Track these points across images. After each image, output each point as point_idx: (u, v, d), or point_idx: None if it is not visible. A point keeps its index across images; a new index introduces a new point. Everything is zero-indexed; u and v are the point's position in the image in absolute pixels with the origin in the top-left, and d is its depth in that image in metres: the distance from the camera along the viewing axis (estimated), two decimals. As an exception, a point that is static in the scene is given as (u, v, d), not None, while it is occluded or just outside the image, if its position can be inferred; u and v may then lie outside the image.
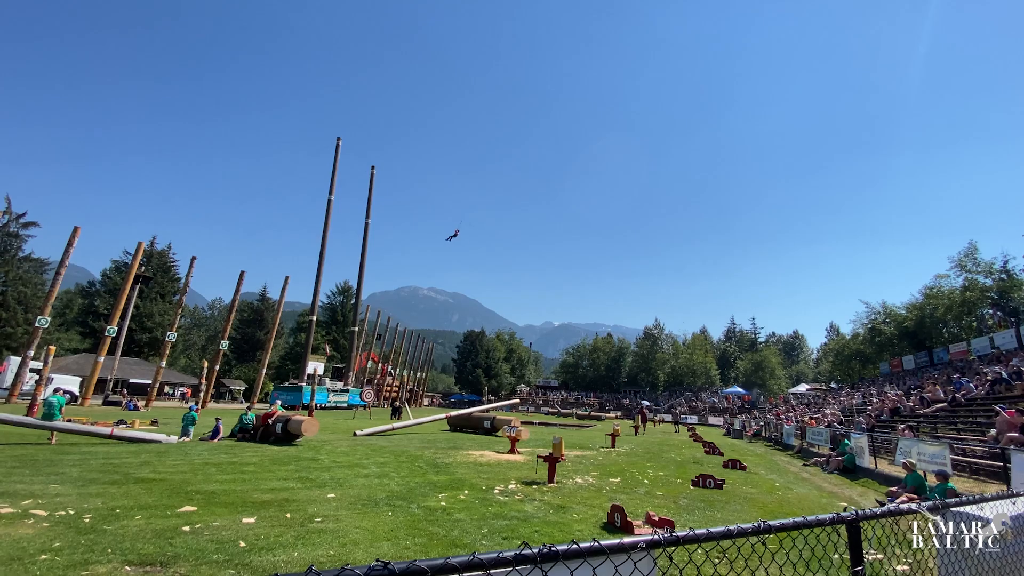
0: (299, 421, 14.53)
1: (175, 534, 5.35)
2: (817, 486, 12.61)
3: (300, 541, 5.33)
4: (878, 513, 2.19)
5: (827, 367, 67.91)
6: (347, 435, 18.28)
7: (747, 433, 34.55)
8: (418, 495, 8.02)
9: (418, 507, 7.17)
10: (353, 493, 7.96)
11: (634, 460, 14.97)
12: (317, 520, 6.20)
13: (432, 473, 10.35)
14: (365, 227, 57.79)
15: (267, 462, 10.90)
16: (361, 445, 15.18)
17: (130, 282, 34.56)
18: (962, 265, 42.70)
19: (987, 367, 25.14)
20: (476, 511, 7.12)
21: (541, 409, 64.59)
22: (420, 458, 12.57)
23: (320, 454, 12.55)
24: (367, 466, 10.89)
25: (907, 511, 2.28)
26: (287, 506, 6.88)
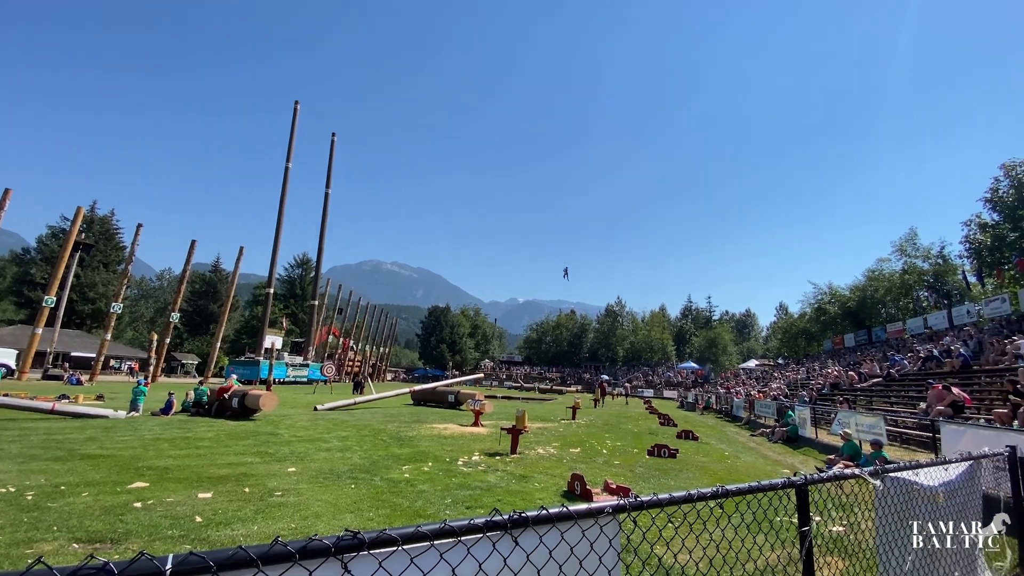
0: (257, 395, 14.18)
1: (126, 510, 5.18)
2: (763, 455, 13.42)
3: (260, 515, 5.26)
4: (825, 478, 2.35)
5: (775, 344, 71.55)
6: (307, 409, 18.00)
7: (699, 406, 36.22)
8: (381, 468, 8.03)
9: (381, 479, 7.19)
10: (314, 467, 7.89)
11: (593, 431, 15.45)
12: (277, 494, 6.13)
13: (395, 446, 10.37)
14: (325, 197, 55.88)
15: (223, 437, 10.63)
16: (322, 419, 15.00)
17: (69, 249, 32.33)
18: (902, 249, 45.51)
19: (920, 345, 27.10)
20: (440, 482, 7.20)
21: (505, 383, 65.45)
22: (383, 432, 12.55)
23: (279, 428, 12.34)
24: (329, 440, 10.79)
25: (851, 475, 2.45)
26: (245, 480, 6.75)
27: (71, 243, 32.24)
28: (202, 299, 66.01)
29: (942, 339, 26.09)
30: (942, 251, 44.22)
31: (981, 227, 40.83)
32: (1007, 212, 38.66)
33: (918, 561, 2.79)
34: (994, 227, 39.54)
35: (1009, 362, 15.40)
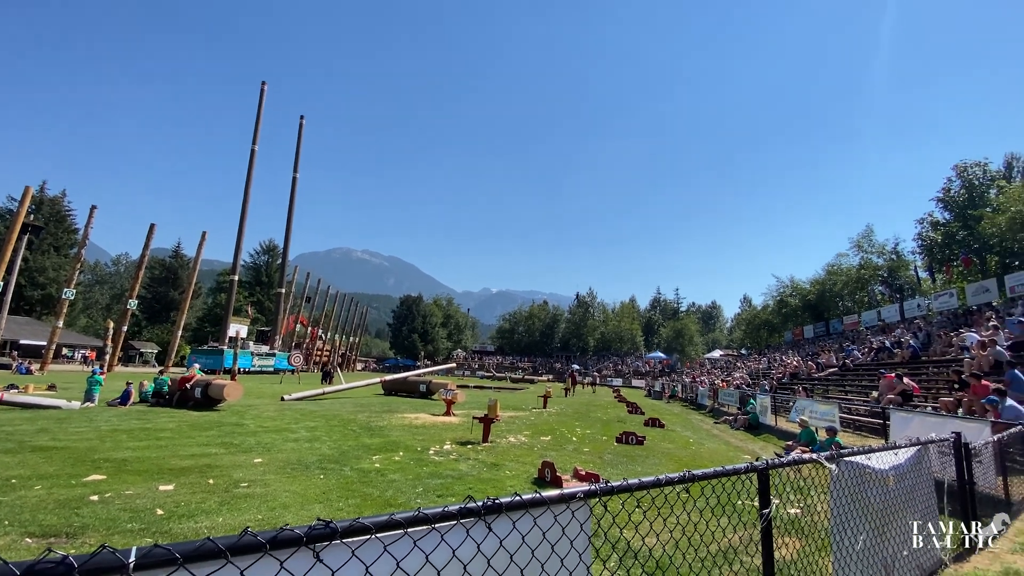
0: (221, 385, 13.79)
1: (82, 504, 4.98)
2: (726, 441, 13.90)
3: (225, 507, 5.15)
4: (784, 462, 2.46)
5: (739, 335, 73.95)
6: (274, 400, 17.62)
7: (666, 394, 37.14)
8: (351, 458, 7.95)
9: (351, 469, 7.12)
10: (282, 457, 7.75)
11: (564, 420, 15.67)
12: (243, 485, 6.00)
13: (366, 436, 10.27)
14: (293, 181, 54.20)
15: (186, 428, 10.31)
16: (289, 409, 14.71)
17: (16, 231, 30.45)
18: (860, 245, 47.55)
19: (874, 337, 28.44)
20: (411, 471, 7.18)
21: (477, 373, 65.53)
22: (353, 422, 12.41)
23: (245, 419, 12.04)
24: (296, 430, 10.60)
25: (808, 460, 2.57)
26: (209, 472, 6.58)
27: (19, 224, 30.38)
28: (162, 286, 63.43)
29: (894, 331, 27.45)
30: (896, 247, 46.47)
31: (933, 225, 42.99)
32: (957, 211, 40.76)
33: (869, 540, 2.96)
34: (945, 225, 41.67)
35: (955, 353, 16.32)
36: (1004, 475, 5.38)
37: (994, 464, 5.26)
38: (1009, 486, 5.41)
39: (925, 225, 43.51)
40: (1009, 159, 41.19)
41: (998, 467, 5.31)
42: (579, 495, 1.65)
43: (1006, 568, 3.77)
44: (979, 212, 37.02)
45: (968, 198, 40.23)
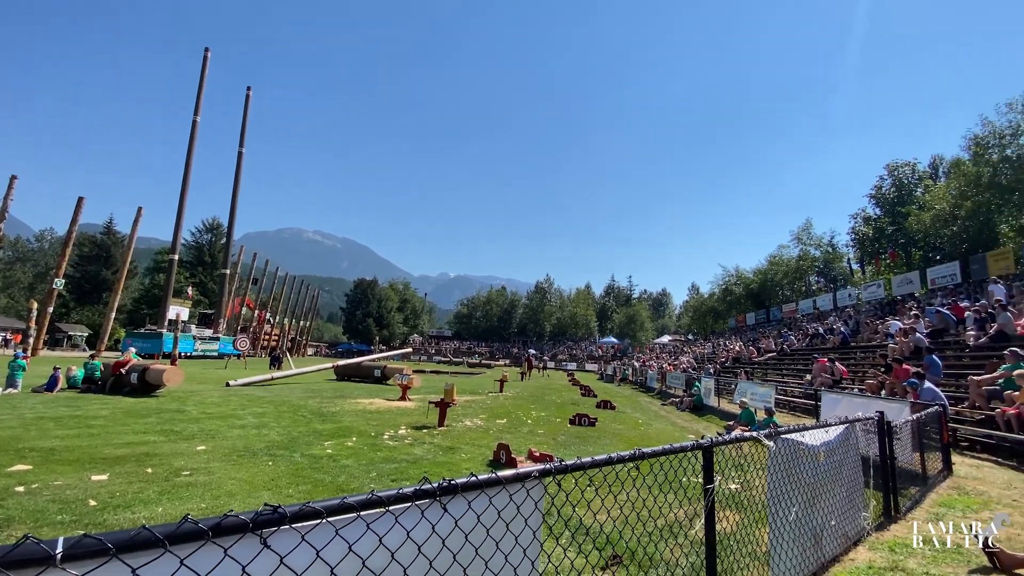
0: (160, 370, 13.04)
1: (6, 495, 4.62)
2: (672, 422, 14.52)
3: (165, 496, 4.91)
4: (727, 440, 2.58)
5: (687, 321, 77.06)
6: (219, 385, 16.88)
7: (617, 378, 38.31)
8: (302, 444, 7.74)
9: (302, 455, 6.95)
10: (227, 444, 7.45)
11: (519, 403, 15.88)
12: (185, 473, 5.73)
13: (317, 422, 10.03)
14: (238, 156, 51.33)
15: (120, 415, 9.71)
16: (235, 395, 14.14)
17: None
18: (799, 238, 50.40)
19: (809, 324, 30.30)
20: (364, 456, 7.09)
21: (434, 358, 65.16)
22: (304, 407, 12.08)
23: (187, 405, 11.47)
24: (243, 417, 10.21)
25: (750, 438, 2.72)
26: (148, 460, 6.24)
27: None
28: (92, 264, 58.95)
29: (827, 319, 29.36)
30: (832, 240, 49.60)
31: (865, 220, 46.04)
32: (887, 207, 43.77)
33: (801, 511, 3.17)
34: (876, 220, 44.70)
35: (880, 340, 17.65)
36: (921, 451, 5.90)
37: (912, 441, 5.75)
38: (925, 461, 5.94)
39: (858, 220, 46.59)
40: (935, 160, 44.47)
41: (915, 444, 5.82)
42: (534, 474, 1.67)
43: (921, 534, 4.16)
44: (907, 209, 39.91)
45: (897, 195, 43.28)
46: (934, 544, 3.94)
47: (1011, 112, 29.30)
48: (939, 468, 6.54)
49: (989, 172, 30.33)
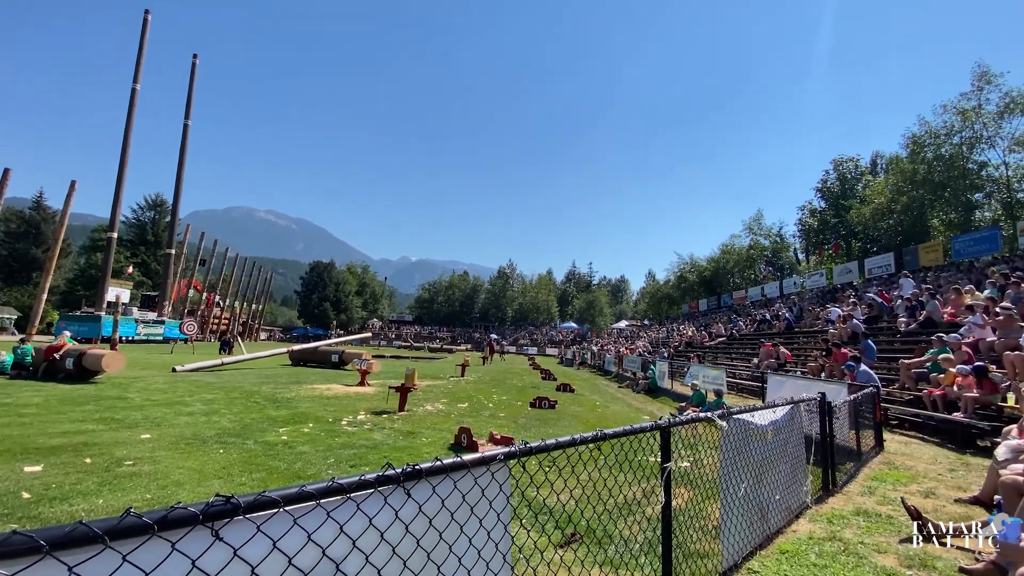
0: (98, 355, 12.25)
1: (-81, 492, 4.24)
2: (628, 403, 14.97)
3: (106, 487, 4.64)
4: (684, 420, 2.67)
5: (643, 307, 79.35)
6: (164, 371, 16.06)
7: (576, 362, 39.08)
8: (255, 431, 7.49)
9: (255, 443, 6.72)
10: (174, 432, 7.11)
11: (481, 387, 15.94)
12: (128, 463, 5.44)
13: (271, 408, 9.72)
14: (184, 129, 48.30)
15: (55, 402, 9.08)
16: (183, 381, 13.50)
17: None
18: (751, 228, 52.57)
19: (756, 311, 31.76)
20: (322, 442, 6.93)
21: (394, 343, 64.36)
22: (257, 393, 11.67)
23: (129, 392, 10.86)
24: (191, 403, 9.77)
25: (705, 418, 2.82)
26: (86, 450, 5.88)
27: None
28: (20, 241, 54.48)
29: (774, 305, 30.86)
30: (780, 231, 52.02)
31: (811, 212, 48.43)
32: (832, 200, 46.14)
33: (749, 487, 3.34)
34: (821, 212, 47.09)
35: (822, 326, 18.72)
36: (857, 430, 6.33)
37: (848, 420, 6.15)
38: (860, 439, 6.38)
39: (805, 212, 48.97)
40: (875, 157, 47.14)
41: (852, 423, 6.23)
42: (499, 457, 1.67)
43: (856, 507, 4.48)
44: (849, 203, 42.20)
45: (841, 189, 45.70)
46: (868, 515, 4.24)
47: (946, 113, 31.33)
48: (872, 445, 7.04)
49: (924, 169, 32.44)
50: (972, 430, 7.40)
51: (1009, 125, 28.79)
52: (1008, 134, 28.92)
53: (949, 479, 5.61)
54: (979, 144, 30.24)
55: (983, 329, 10.14)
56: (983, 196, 31.66)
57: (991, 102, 29.17)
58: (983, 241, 23.52)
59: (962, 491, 4.98)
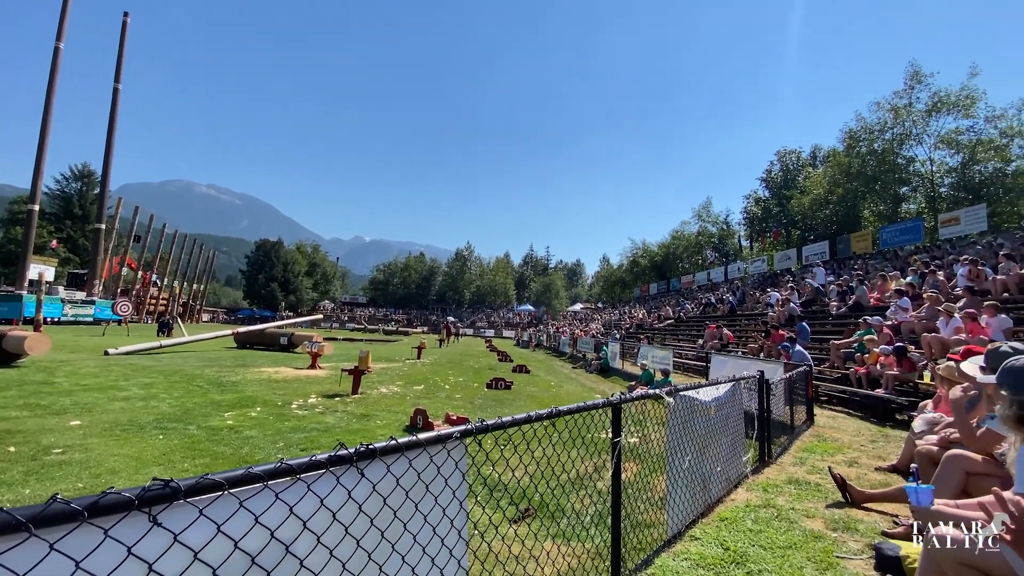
0: (20, 337, 11.29)
1: None
2: (582, 383, 15.36)
3: (33, 476, 4.33)
4: (635, 397, 2.76)
5: (598, 290, 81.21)
6: (96, 354, 15.03)
7: (532, 344, 39.61)
8: (198, 415, 7.16)
9: (198, 428, 6.43)
10: (108, 418, 6.69)
11: (437, 369, 15.89)
12: (56, 451, 5.08)
13: (215, 392, 9.31)
14: (114, 93, 44.53)
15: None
16: (116, 365, 12.69)
17: None
18: (700, 215, 54.61)
19: (702, 295, 33.12)
20: (270, 426, 6.72)
21: (347, 325, 62.85)
22: (199, 377, 11.15)
23: (56, 376, 10.10)
24: (126, 388, 9.21)
25: (654, 395, 2.93)
26: (9, 438, 5.44)
27: None
28: (-81, 212, 48.97)
29: (718, 289, 32.29)
30: (727, 218, 54.31)
31: (756, 201, 50.66)
32: (775, 190, 48.38)
33: (693, 460, 3.52)
34: (765, 201, 49.33)
35: (762, 309, 19.76)
36: (791, 405, 6.78)
37: (784, 397, 6.58)
38: (793, 414, 6.84)
39: (750, 200, 51.20)
40: (814, 149, 49.65)
41: (787, 399, 6.66)
42: (456, 434, 1.67)
43: (789, 476, 4.81)
44: (790, 193, 44.39)
45: (784, 180, 47.96)
46: (799, 483, 4.58)
47: (880, 110, 33.33)
48: (804, 419, 7.57)
49: (858, 163, 34.51)
50: (892, 405, 8.09)
51: (936, 123, 31.01)
52: (934, 132, 31.16)
53: (871, 449, 6.12)
54: (908, 140, 32.44)
55: (905, 312, 11.02)
56: (909, 189, 34.11)
57: (921, 101, 31.27)
58: (908, 232, 25.45)
59: (882, 460, 5.45)
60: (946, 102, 30.13)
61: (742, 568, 2.89)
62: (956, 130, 30.33)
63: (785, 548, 3.18)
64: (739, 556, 3.04)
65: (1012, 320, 8.54)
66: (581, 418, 2.55)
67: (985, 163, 29.32)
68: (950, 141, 30.53)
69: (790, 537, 3.35)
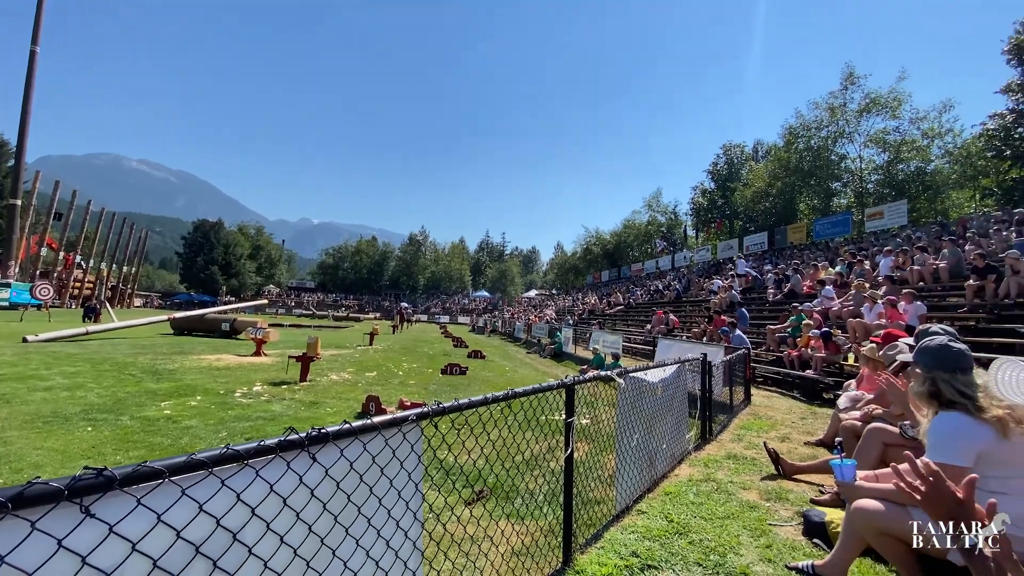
0: (-86, 324, 10.17)
1: None
2: (535, 368, 15.60)
3: (-62, 475, 3.95)
4: (587, 379, 2.84)
5: (552, 277, 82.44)
6: (13, 341, 13.79)
7: (488, 329, 39.75)
8: (131, 405, 6.73)
9: (131, 418, 6.05)
10: (28, 410, 6.18)
11: (390, 355, 15.65)
12: (-34, 447, 4.65)
13: (151, 381, 8.77)
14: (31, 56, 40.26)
15: None
16: (37, 353, 11.69)
17: None
18: (650, 205, 56.32)
19: (651, 282, 34.26)
20: (212, 416, 6.42)
21: (294, 311, 60.60)
22: (132, 365, 10.46)
23: (-38, 366, 9.20)
24: (49, 377, 8.52)
25: (606, 376, 3.02)
26: (-96, 436, 4.92)
27: None
28: None
29: (666, 277, 33.49)
30: (675, 209, 56.30)
31: (702, 192, 52.68)
32: (720, 182, 50.42)
33: (641, 438, 3.67)
34: (711, 193, 51.37)
35: (706, 296, 20.69)
36: (730, 386, 7.18)
37: (724, 378, 6.95)
38: (732, 394, 7.24)
39: (697, 192, 53.20)
40: (757, 144, 52.07)
41: (726, 380, 7.05)
42: (412, 417, 1.66)
43: (728, 452, 5.12)
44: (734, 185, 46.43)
45: (729, 172, 50.05)
46: (737, 458, 4.88)
47: (817, 109, 35.26)
48: (742, 399, 8.04)
49: (796, 158, 36.48)
50: (819, 385, 8.73)
51: (866, 123, 33.20)
52: (865, 131, 33.37)
53: (801, 426, 6.60)
54: (841, 138, 34.58)
55: (832, 300, 11.85)
56: (841, 185, 36.49)
57: (854, 101, 33.33)
58: (838, 224, 27.25)
59: (810, 435, 5.89)
60: (876, 103, 32.27)
61: (684, 538, 3.06)
62: (884, 130, 32.64)
63: (723, 518, 3.39)
64: (682, 527, 3.22)
65: (926, 307, 9.38)
66: (536, 400, 2.61)
67: (908, 162, 31.77)
68: (878, 140, 32.81)
69: (728, 508, 3.58)
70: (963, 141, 30.31)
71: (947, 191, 31.08)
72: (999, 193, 29.49)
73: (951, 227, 18.61)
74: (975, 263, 9.95)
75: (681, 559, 2.80)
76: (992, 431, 1.97)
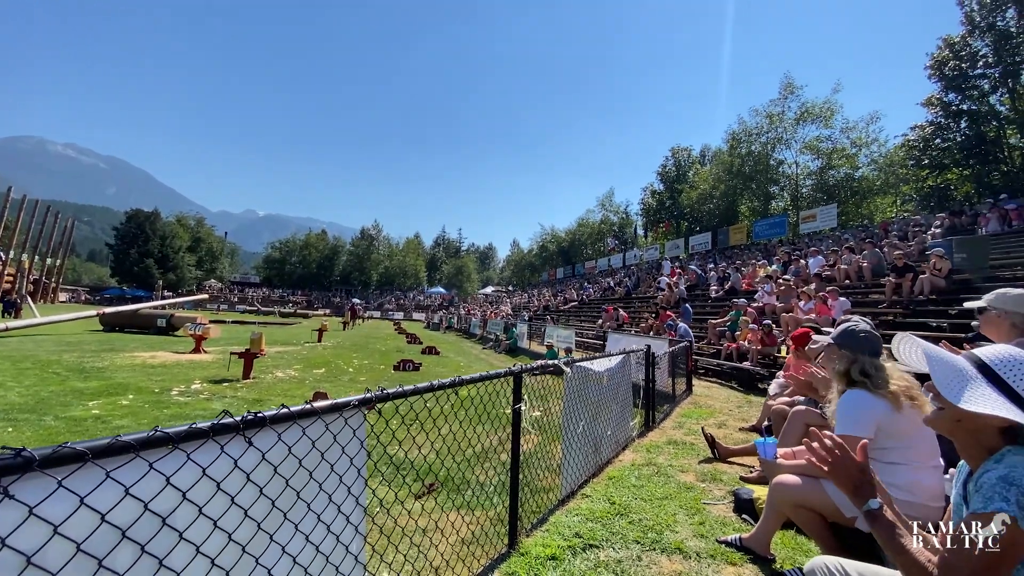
0: None
1: None
2: (490, 363, 15.67)
3: None
4: (534, 367, 2.93)
5: (508, 274, 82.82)
6: (-93, 340, 12.45)
7: (443, 326, 39.43)
8: (55, 405, 6.27)
9: (56, 419, 5.65)
10: (-69, 413, 5.64)
11: (340, 352, 15.27)
12: None
13: (77, 379, 8.18)
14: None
15: None
16: (-60, 352, 10.63)
17: None
18: (603, 204, 57.72)
19: (602, 279, 35.11)
20: (146, 415, 6.09)
21: (237, 307, 57.77)
22: (56, 363, 9.71)
23: None
24: (-43, 377, 7.79)
25: (552, 365, 3.12)
26: None
27: None
28: None
29: (617, 274, 34.43)
30: (627, 209, 58.04)
31: (652, 193, 54.42)
32: (668, 184, 52.23)
33: (586, 425, 3.81)
34: (660, 194, 53.13)
35: (653, 292, 21.43)
36: (673, 377, 7.52)
37: (667, 369, 7.28)
38: (675, 384, 7.59)
39: (647, 193, 54.92)
40: (703, 148, 54.28)
41: (670, 371, 7.38)
42: (353, 403, 1.67)
43: (669, 438, 5.38)
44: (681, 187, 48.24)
45: (677, 175, 51.94)
46: (677, 444, 5.13)
47: (758, 116, 37.17)
48: (684, 389, 8.43)
49: (739, 162, 38.33)
50: (755, 375, 9.27)
51: (802, 131, 35.32)
52: (800, 138, 35.49)
53: (737, 413, 7.00)
54: (779, 145, 36.63)
55: (769, 296, 12.59)
56: (778, 189, 38.66)
57: (792, 109, 35.37)
58: (775, 226, 28.89)
59: (745, 421, 6.27)
60: (811, 113, 34.38)
61: (625, 518, 3.21)
62: (817, 138, 34.83)
63: (662, 499, 3.57)
64: (623, 508, 3.37)
65: (850, 303, 10.15)
66: (487, 393, 2.66)
67: (838, 168, 34.07)
68: (812, 147, 35.00)
69: (667, 489, 3.77)
70: (887, 151, 32.87)
71: (872, 196, 33.60)
72: (917, 199, 32.22)
73: (874, 230, 20.19)
74: (896, 262, 10.82)
75: (621, 537, 2.94)
76: (888, 404, 2.21)
